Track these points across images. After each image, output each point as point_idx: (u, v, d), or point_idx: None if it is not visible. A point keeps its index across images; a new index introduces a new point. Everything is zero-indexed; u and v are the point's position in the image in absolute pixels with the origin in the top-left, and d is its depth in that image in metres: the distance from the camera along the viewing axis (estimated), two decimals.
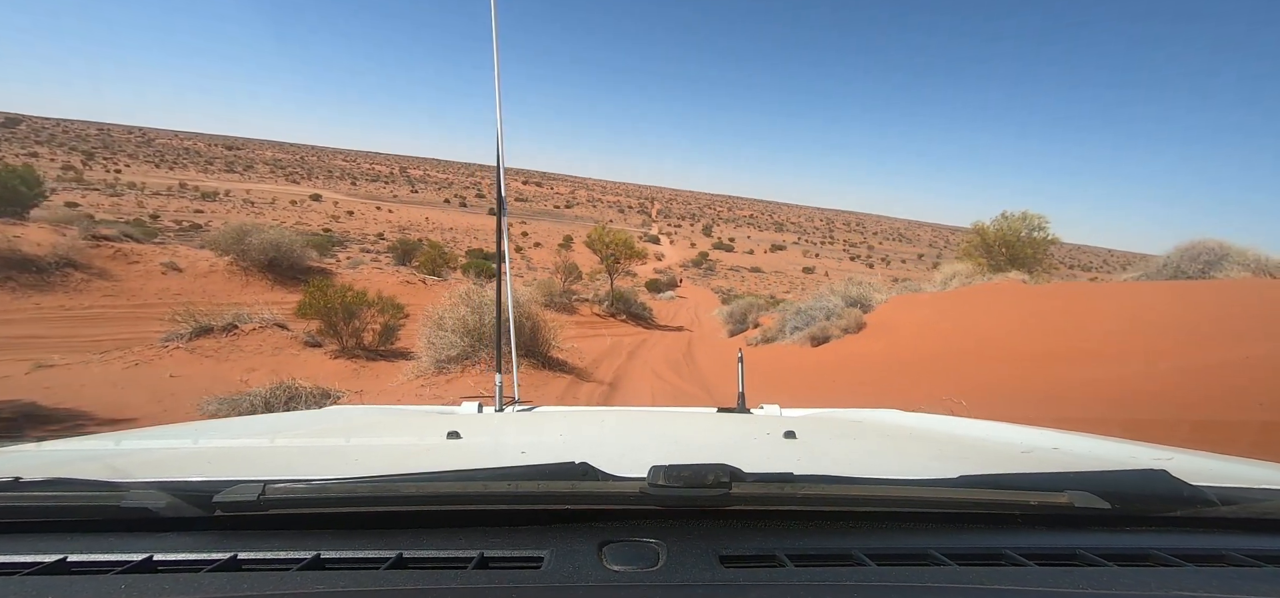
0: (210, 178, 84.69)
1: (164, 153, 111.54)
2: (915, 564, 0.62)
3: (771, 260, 76.29)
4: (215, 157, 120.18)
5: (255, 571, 0.60)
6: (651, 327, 19.39)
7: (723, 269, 58.32)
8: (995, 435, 1.36)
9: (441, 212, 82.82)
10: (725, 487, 0.63)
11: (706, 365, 10.32)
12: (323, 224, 52.01)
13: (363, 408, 1.90)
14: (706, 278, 50.94)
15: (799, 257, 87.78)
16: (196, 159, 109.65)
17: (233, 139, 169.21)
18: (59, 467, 0.88)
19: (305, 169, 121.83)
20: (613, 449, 1.18)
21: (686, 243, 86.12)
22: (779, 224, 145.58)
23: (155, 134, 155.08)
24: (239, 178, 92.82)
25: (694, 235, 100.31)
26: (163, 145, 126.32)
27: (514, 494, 0.66)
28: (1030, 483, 0.72)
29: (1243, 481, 0.83)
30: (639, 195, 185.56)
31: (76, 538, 0.65)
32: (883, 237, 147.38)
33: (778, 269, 65.97)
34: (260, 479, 0.66)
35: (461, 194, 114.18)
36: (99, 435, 1.17)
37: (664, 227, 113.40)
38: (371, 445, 1.21)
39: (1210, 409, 4.00)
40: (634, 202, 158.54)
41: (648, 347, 13.11)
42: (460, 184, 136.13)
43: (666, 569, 0.59)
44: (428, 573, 0.59)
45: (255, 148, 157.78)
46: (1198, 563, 0.63)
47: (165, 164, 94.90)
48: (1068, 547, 0.66)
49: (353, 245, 38.85)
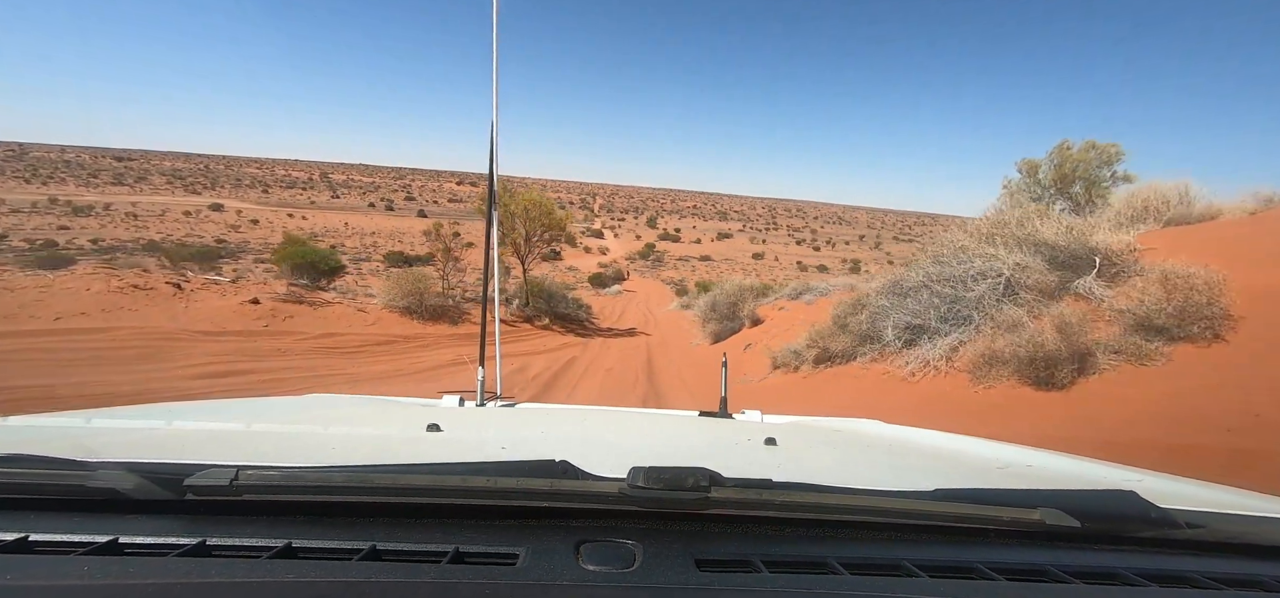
0: (91, 192, 75.05)
1: (37, 166, 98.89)
2: (888, 575, 0.63)
3: (720, 248, 74.38)
4: (101, 169, 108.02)
5: (224, 557, 0.59)
6: (591, 332, 14.81)
7: (671, 260, 55.65)
8: (973, 450, 1.35)
9: (364, 215, 76.34)
10: (704, 491, 0.63)
11: (687, 400, 7.00)
12: (217, 235, 45.79)
13: (343, 397, 1.88)
14: (655, 270, 47.96)
15: (746, 244, 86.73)
16: (77, 172, 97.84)
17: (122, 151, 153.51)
18: (25, 443, 0.81)
19: (209, 178, 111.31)
20: (593, 449, 1.16)
21: (631, 236, 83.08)
22: (722, 213, 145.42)
23: (30, 148, 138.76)
24: (128, 190, 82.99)
25: (639, 228, 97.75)
26: (37, 159, 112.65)
27: (492, 490, 0.64)
28: (1004, 499, 0.71)
29: (1209, 505, 0.83)
30: (579, 192, 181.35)
31: (40, 517, 0.64)
32: (823, 221, 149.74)
33: (727, 257, 64.01)
34: (233, 464, 0.64)
35: (388, 197, 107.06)
36: (69, 413, 1.15)
37: (607, 221, 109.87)
38: (349, 435, 1.18)
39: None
40: (575, 198, 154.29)
41: (578, 370, 9.23)
42: (387, 187, 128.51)
43: (642, 571, 0.59)
44: (401, 565, 0.58)
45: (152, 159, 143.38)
46: (1162, 584, 0.65)
47: (38, 179, 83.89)
48: (1038, 563, 0.67)
49: (248, 256, 33.66)
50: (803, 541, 0.69)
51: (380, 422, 1.38)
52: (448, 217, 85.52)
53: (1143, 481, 0.99)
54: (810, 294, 11.39)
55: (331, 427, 1.24)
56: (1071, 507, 0.69)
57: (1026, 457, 1.24)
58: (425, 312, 12.10)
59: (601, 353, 11.37)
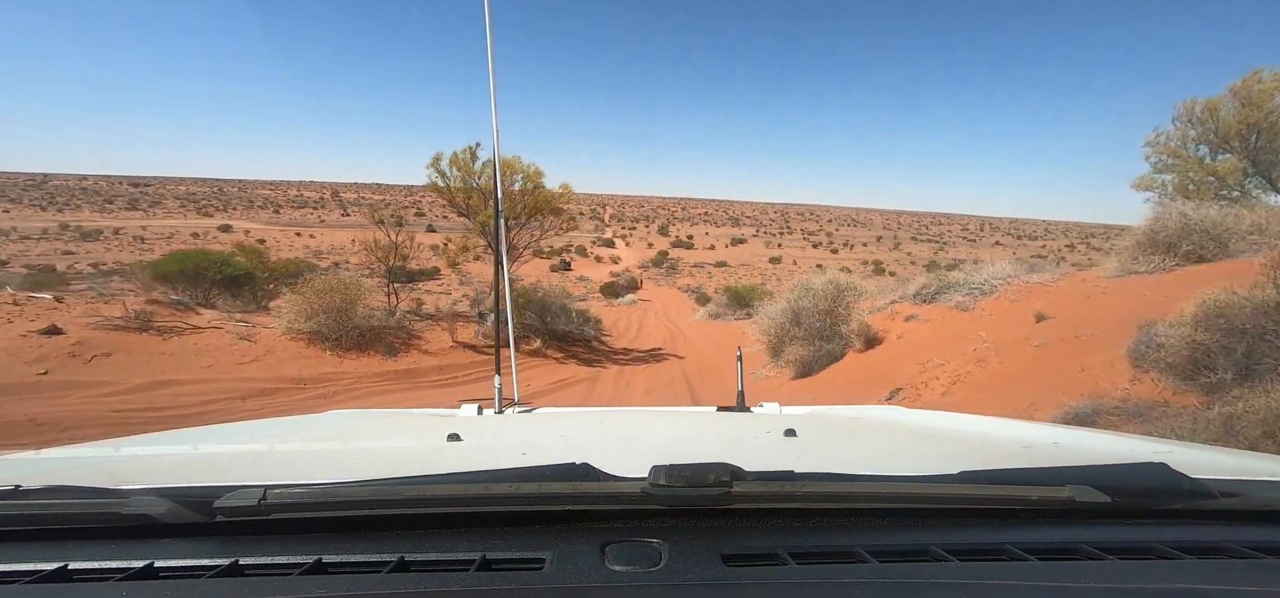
0: (105, 217, 75.21)
1: (55, 194, 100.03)
2: (917, 561, 0.62)
3: (735, 253, 72.36)
4: (117, 195, 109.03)
5: (257, 575, 0.60)
6: (602, 357, 11.18)
7: (686, 267, 53.70)
8: (995, 431, 1.36)
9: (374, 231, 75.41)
10: (726, 486, 0.63)
11: None
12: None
13: (363, 412, 1.92)
14: (670, 277, 46.06)
15: (762, 248, 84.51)
16: (94, 199, 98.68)
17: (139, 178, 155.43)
18: (59, 474, 0.86)
19: (222, 201, 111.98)
20: (613, 450, 1.17)
21: (644, 244, 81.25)
22: (734, 219, 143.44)
23: (51, 177, 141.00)
24: (142, 214, 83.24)
25: (650, 236, 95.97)
26: (56, 187, 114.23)
27: (515, 496, 0.66)
28: (1031, 478, 0.72)
29: (1242, 472, 0.82)
30: (589, 202, 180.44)
31: (77, 546, 0.65)
32: (838, 223, 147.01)
33: (744, 262, 62.01)
34: (261, 484, 0.65)
35: (399, 213, 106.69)
36: (98, 443, 1.16)
37: (618, 230, 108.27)
38: (372, 449, 1.21)
39: None
40: (584, 208, 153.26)
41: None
42: (398, 204, 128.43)
43: (669, 569, 0.59)
44: (430, 576, 0.58)
45: (168, 184, 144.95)
46: (1198, 556, 0.64)
47: (54, 206, 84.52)
48: (1069, 541, 0.67)
49: None
50: (828, 530, 0.68)
51: (401, 434, 1.40)
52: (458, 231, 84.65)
53: (1172, 452, 0.98)
54: (958, 293, 7.25)
55: (354, 442, 1.27)
56: (1101, 482, 0.68)
57: (1052, 435, 1.25)
58: (348, 339, 8.82)
59: (619, 390, 8.37)
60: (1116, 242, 6.39)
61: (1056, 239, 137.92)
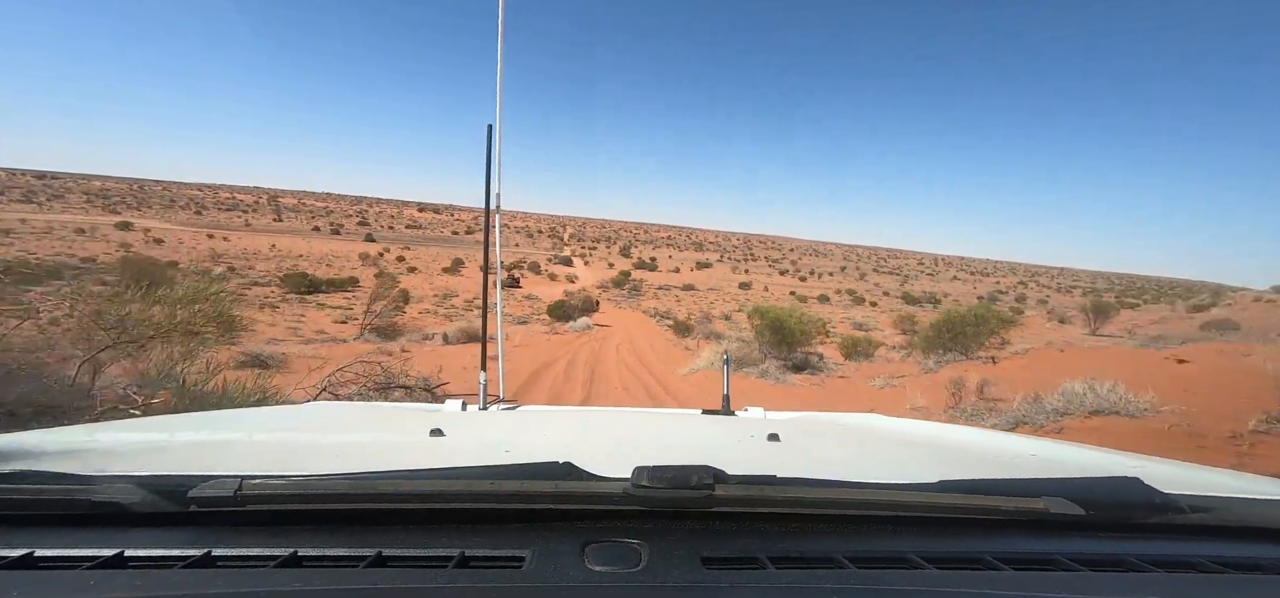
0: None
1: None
2: (894, 568, 0.63)
3: (702, 277, 68.12)
4: (15, 186, 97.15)
5: (230, 568, 0.58)
6: None
7: (650, 289, 48.81)
8: (975, 442, 1.35)
9: (303, 239, 67.66)
10: (708, 488, 0.63)
11: None
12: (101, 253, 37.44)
13: (344, 404, 1.86)
14: (633, 300, 41.02)
15: (729, 273, 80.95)
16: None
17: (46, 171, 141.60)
18: (28, 459, 0.82)
19: (138, 199, 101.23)
20: (597, 449, 1.16)
21: (604, 264, 76.05)
22: (698, 244, 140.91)
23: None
24: (34, 209, 72.98)
25: (611, 256, 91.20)
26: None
27: (497, 493, 0.65)
28: (1008, 489, 0.72)
29: (1212, 489, 0.83)
30: (549, 222, 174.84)
31: (45, 532, 0.63)
32: (799, 253, 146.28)
33: (712, 286, 57.59)
34: (237, 475, 0.64)
35: (339, 222, 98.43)
36: (71, 428, 1.13)
37: (577, 249, 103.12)
38: (352, 442, 1.17)
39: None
40: (543, 227, 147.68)
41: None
42: (341, 212, 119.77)
43: (648, 570, 0.59)
44: (408, 571, 0.58)
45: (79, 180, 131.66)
46: (1167, 569, 0.65)
47: None
48: (1044, 552, 0.67)
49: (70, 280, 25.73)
50: (808, 535, 0.68)
51: (382, 428, 1.37)
52: (400, 242, 77.99)
53: (1146, 466, 0.99)
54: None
55: (334, 435, 1.24)
56: (1076, 495, 0.69)
57: (1030, 446, 1.25)
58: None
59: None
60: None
61: (1006, 275, 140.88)
